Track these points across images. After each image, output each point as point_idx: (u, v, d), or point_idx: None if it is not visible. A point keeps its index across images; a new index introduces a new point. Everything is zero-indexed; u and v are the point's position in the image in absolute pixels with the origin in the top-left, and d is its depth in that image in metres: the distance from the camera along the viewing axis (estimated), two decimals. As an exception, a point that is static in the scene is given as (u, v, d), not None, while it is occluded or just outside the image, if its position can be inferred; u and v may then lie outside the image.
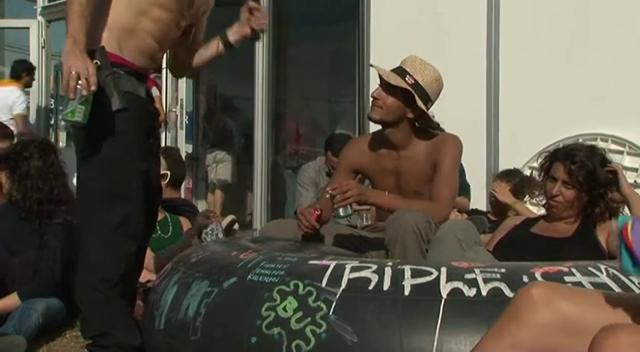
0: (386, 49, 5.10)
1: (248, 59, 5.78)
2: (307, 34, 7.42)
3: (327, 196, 2.64)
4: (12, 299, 3.12)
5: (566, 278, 1.81)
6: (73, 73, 2.05)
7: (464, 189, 4.55)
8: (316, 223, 2.70)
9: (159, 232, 3.44)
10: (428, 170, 2.79)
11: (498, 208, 4.01)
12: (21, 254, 3.20)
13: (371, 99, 2.81)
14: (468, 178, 4.56)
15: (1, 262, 3.25)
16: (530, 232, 2.72)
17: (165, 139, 6.00)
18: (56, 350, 3.02)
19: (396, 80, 2.72)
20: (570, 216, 2.67)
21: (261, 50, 5.66)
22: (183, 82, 6.00)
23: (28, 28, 6.81)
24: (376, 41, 5.18)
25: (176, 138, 5.98)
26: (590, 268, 1.89)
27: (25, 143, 3.56)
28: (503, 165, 4.48)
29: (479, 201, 4.57)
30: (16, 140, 4.66)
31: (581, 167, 2.60)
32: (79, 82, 2.04)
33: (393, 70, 2.78)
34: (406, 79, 2.73)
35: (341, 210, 2.68)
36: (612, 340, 1.29)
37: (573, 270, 1.86)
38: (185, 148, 6.30)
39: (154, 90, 5.94)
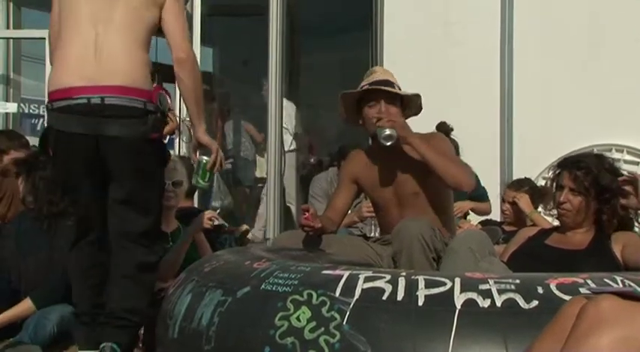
0: (398, 58, 5.11)
1: (261, 68, 5.80)
2: (320, 44, 7.44)
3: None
4: (26, 305, 3.15)
5: (582, 290, 1.80)
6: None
7: (482, 195, 4.54)
8: (314, 222, 2.71)
9: (171, 243, 3.44)
10: (423, 169, 2.81)
11: (516, 217, 4.00)
12: (31, 254, 3.24)
13: (374, 119, 2.82)
14: (481, 189, 4.56)
15: (14, 263, 3.30)
16: (545, 244, 2.70)
17: (178, 148, 6.02)
18: (70, 359, 3.04)
19: (400, 90, 2.81)
20: (581, 225, 2.65)
21: (274, 59, 5.67)
22: (196, 91, 6.01)
23: (44, 38, 6.86)
24: (389, 51, 5.19)
25: (189, 147, 5.99)
26: (605, 279, 1.88)
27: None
28: (517, 175, 4.46)
29: (492, 211, 4.56)
30: None
31: (586, 173, 2.60)
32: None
33: (378, 83, 2.86)
34: (394, 87, 2.86)
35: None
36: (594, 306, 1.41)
37: (589, 281, 1.85)
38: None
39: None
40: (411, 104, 2.91)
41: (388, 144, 2.78)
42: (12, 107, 7.12)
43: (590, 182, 2.59)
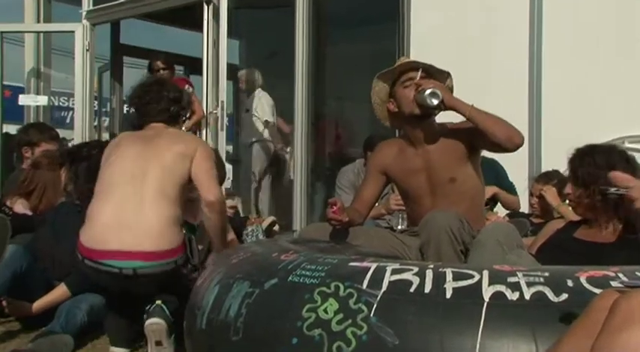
0: (426, 49, 5.07)
1: (288, 59, 5.80)
2: (347, 35, 7.41)
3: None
4: (61, 290, 3.21)
5: (613, 284, 1.77)
6: None
7: (510, 188, 4.51)
8: (342, 216, 2.71)
9: (198, 234, 3.47)
10: (461, 152, 2.81)
11: (543, 210, 3.96)
12: (66, 241, 3.30)
13: (412, 93, 2.82)
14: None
15: (48, 248, 3.37)
16: (573, 237, 2.67)
17: (205, 140, 6.05)
18: (100, 347, 3.09)
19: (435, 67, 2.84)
20: (597, 218, 2.61)
21: (300, 50, 5.68)
22: (223, 83, 6.04)
23: (73, 31, 6.94)
24: (416, 41, 5.15)
25: (216, 139, 6.03)
26: (637, 273, 1.84)
27: (88, 142, 3.82)
28: (546, 167, 4.41)
29: (521, 206, 4.52)
30: None
31: (580, 164, 2.58)
32: None
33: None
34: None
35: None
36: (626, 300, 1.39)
37: (620, 275, 1.82)
38: (225, 149, 6.34)
39: (187, 89, 6.00)
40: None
41: (435, 102, 2.71)
42: (42, 100, 7.22)
43: (584, 173, 2.58)
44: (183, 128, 5.85)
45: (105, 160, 3.07)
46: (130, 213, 2.83)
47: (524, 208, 4.46)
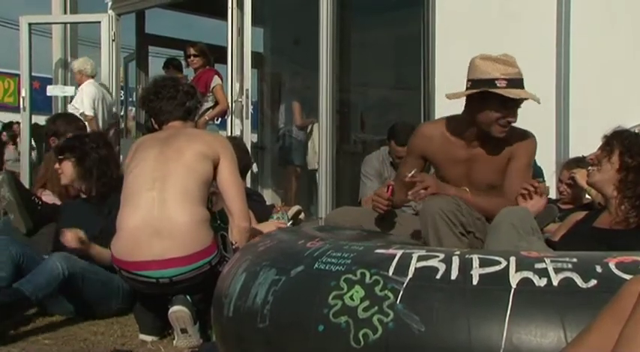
0: (451, 33, 5.03)
1: (312, 46, 5.79)
2: (371, 21, 7.37)
3: (407, 180, 2.67)
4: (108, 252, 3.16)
5: (642, 269, 1.75)
6: None
7: (538, 174, 4.46)
8: (390, 197, 2.79)
9: (219, 222, 3.48)
10: (503, 162, 2.76)
11: (572, 194, 3.92)
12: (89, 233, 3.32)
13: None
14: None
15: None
16: (593, 226, 2.64)
17: (230, 129, 6.08)
18: (130, 335, 3.12)
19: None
20: (612, 195, 2.57)
21: (325, 37, 5.65)
22: (248, 72, 6.05)
23: (99, 22, 6.99)
24: (441, 26, 5.10)
25: (242, 127, 6.05)
26: (668, 259, 1.82)
27: (88, 134, 3.86)
28: (573, 152, 4.35)
29: (550, 192, 4.47)
30: None
31: (617, 135, 2.58)
32: None
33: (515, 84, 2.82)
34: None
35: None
36: None
37: (650, 261, 1.80)
38: (250, 137, 6.36)
39: (215, 79, 6.02)
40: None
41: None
42: (70, 90, 7.30)
43: (620, 143, 2.57)
44: (206, 116, 5.91)
45: (126, 167, 3.06)
46: (156, 218, 2.81)
47: (552, 194, 4.41)
